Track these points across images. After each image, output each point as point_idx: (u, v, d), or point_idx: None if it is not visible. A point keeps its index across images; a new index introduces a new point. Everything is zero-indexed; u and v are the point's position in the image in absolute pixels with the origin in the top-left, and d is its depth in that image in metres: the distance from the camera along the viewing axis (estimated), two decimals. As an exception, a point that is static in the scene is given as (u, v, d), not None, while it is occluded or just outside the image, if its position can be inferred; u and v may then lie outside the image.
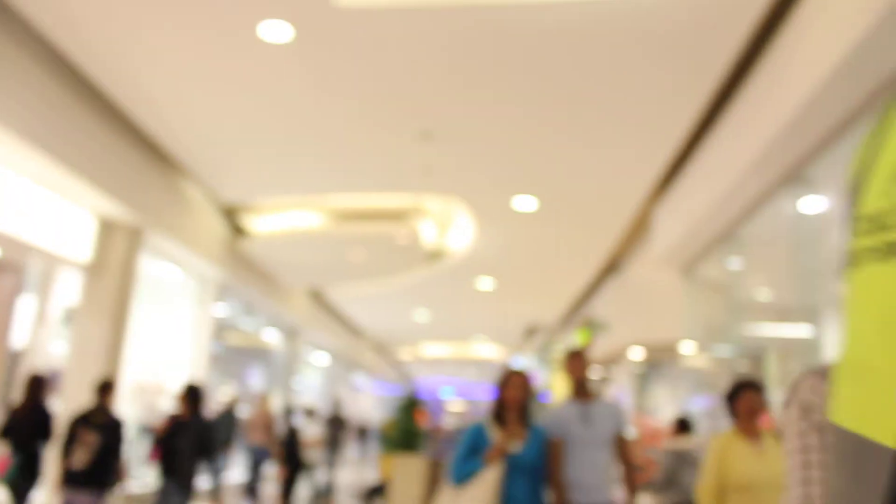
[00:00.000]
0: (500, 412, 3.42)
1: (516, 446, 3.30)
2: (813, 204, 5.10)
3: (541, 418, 3.59)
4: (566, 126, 6.09)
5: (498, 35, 4.78)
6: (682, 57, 4.89)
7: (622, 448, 3.52)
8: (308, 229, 9.59)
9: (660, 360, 11.18)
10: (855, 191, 0.63)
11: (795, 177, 4.97)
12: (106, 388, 5.37)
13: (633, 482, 3.53)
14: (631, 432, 11.17)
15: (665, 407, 11.21)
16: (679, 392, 10.17)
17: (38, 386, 5.58)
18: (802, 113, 4.08)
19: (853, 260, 0.58)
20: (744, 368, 6.54)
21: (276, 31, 4.77)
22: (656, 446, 10.47)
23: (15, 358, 7.64)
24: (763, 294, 7.15)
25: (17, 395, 6.61)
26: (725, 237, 6.44)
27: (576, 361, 3.58)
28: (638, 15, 4.46)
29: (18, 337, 7.67)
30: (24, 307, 7.73)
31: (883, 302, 0.52)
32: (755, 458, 2.95)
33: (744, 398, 3.05)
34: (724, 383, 6.71)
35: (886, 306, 0.52)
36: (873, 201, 0.57)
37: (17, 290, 7.66)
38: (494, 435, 3.36)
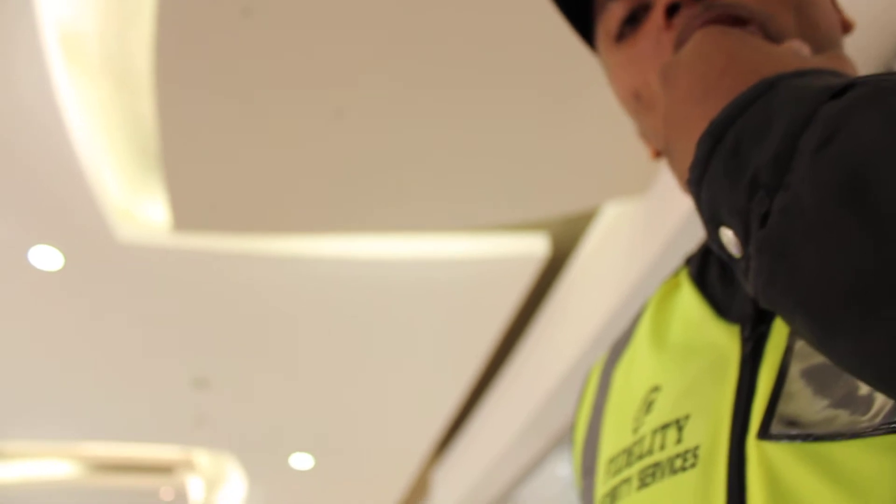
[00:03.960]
0: None
1: None
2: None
3: None
4: (345, 381, 6.05)
5: (279, 287, 4.80)
6: (463, 319, 5.12)
7: None
8: (59, 479, 8.57)
9: None
10: (587, 448, 0.67)
11: (565, 440, 5.13)
12: None
13: None
14: None
15: None
16: None
17: None
18: (567, 379, 4.31)
19: None
20: None
21: (45, 258, 4.50)
22: None
23: None
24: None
25: None
26: (503, 501, 6.42)
27: None
28: (419, 276, 4.68)
29: None
30: None
31: None
32: None
33: None
34: None
35: None
36: (613, 444, 0.59)
37: None
38: None
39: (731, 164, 0.42)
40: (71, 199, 4.06)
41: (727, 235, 0.43)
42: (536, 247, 4.51)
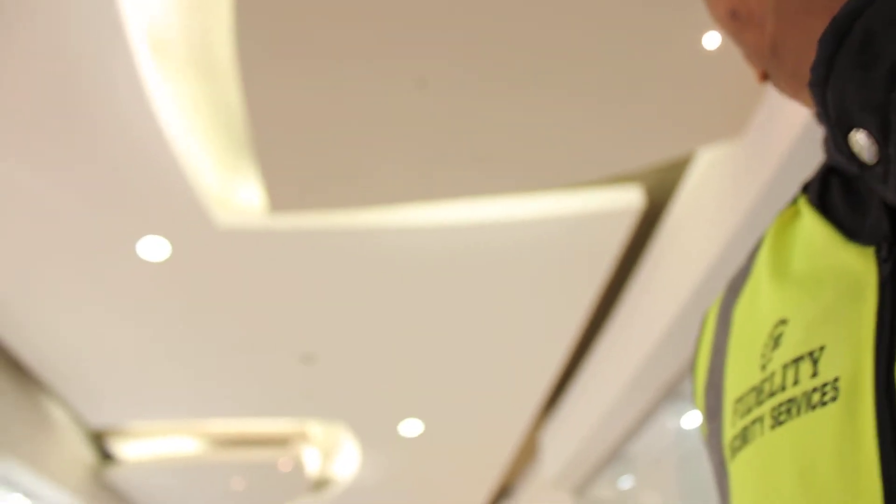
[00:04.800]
0: None
1: None
2: (694, 419, 5.17)
3: None
4: (448, 347, 6.11)
5: (378, 259, 4.87)
6: (563, 277, 5.09)
7: None
8: (184, 456, 9.02)
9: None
10: (710, 391, 0.63)
11: (675, 392, 5.06)
12: None
13: None
14: None
15: None
16: None
17: None
18: (673, 330, 4.24)
19: (734, 449, 0.54)
20: None
21: (153, 249, 4.70)
22: None
23: None
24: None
25: None
26: (614, 456, 6.40)
27: None
28: (517, 238, 4.67)
29: None
30: None
31: (795, 462, 0.47)
32: None
33: None
34: None
35: (799, 465, 0.46)
36: (739, 384, 0.56)
37: None
38: None
39: (863, 57, 0.38)
40: (171, 191, 4.21)
41: (859, 139, 0.40)
42: (631, 199, 4.42)
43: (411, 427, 7.87)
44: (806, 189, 0.59)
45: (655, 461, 6.07)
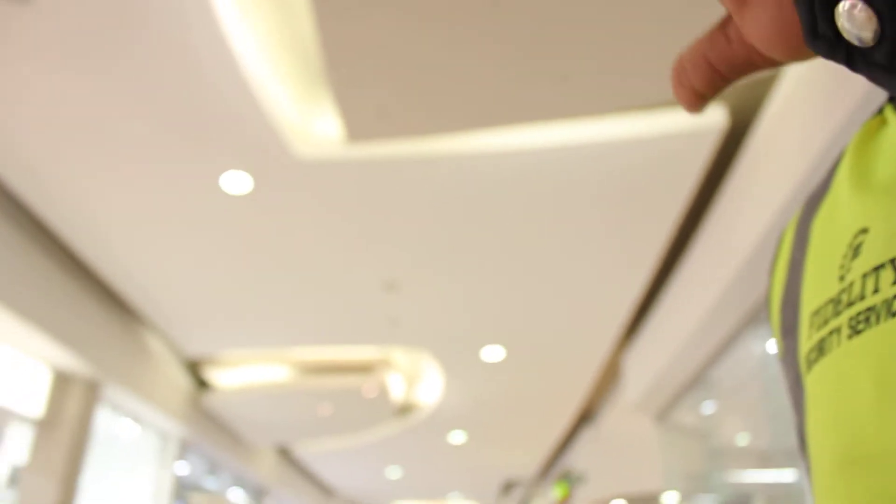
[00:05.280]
0: None
1: None
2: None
3: None
4: (530, 273, 6.12)
5: (455, 186, 4.87)
6: (643, 201, 5.00)
7: None
8: (273, 383, 9.39)
9: (642, 513, 10.79)
10: (786, 308, 0.61)
11: (760, 317, 4.96)
12: None
13: None
14: None
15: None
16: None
17: None
18: (758, 252, 4.13)
19: (809, 362, 0.53)
20: (728, 520, 6.29)
21: (236, 182, 4.82)
22: None
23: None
24: (741, 439, 6.99)
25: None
26: (696, 381, 6.36)
27: None
28: (596, 162, 4.59)
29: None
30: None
31: (873, 371, 0.45)
32: None
33: None
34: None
35: (877, 374, 0.44)
36: (816, 297, 0.54)
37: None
38: None
39: None
40: (251, 125, 4.28)
41: (851, 14, 0.34)
42: (714, 119, 4.28)
43: (493, 353, 7.98)
44: (894, 98, 0.56)
45: (739, 387, 6.01)
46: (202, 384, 9.41)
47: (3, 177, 5.00)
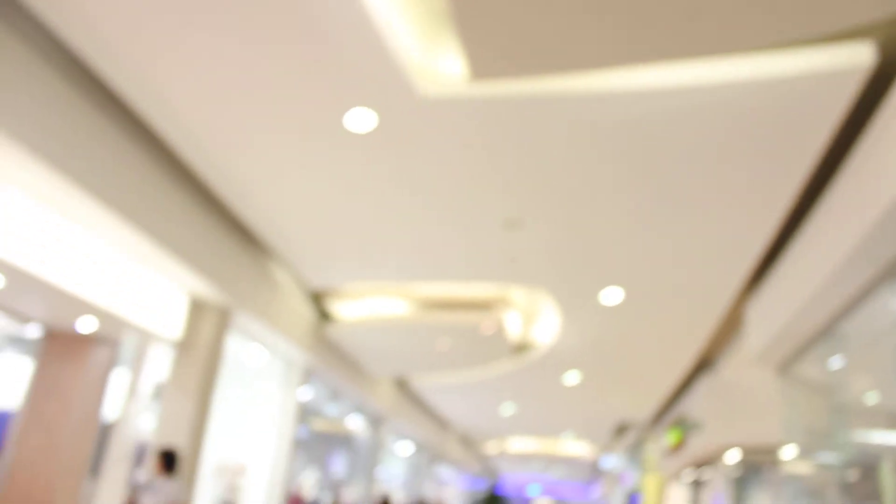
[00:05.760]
0: None
1: None
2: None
3: None
4: (654, 216, 5.98)
5: (582, 126, 4.78)
6: (774, 145, 4.77)
7: None
8: (393, 317, 9.64)
9: (759, 464, 10.56)
10: None
11: (899, 271, 4.69)
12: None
13: None
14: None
15: (765, 516, 10.52)
16: (781, 501, 9.52)
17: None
18: (902, 202, 3.88)
19: None
20: (854, 479, 6.07)
21: (360, 120, 4.90)
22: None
23: (106, 430, 7.83)
24: (870, 398, 6.69)
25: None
26: (824, 335, 6.10)
27: None
28: (726, 104, 4.40)
29: (110, 409, 7.88)
30: (117, 380, 7.96)
31: None
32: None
33: None
34: (832, 494, 6.26)
35: None
36: None
37: (111, 363, 7.92)
38: None
39: None
40: (376, 64, 4.32)
41: None
42: (860, 56, 4.00)
43: (612, 295, 7.90)
44: None
45: (871, 343, 5.72)
46: (325, 315, 9.78)
47: (148, 119, 5.26)
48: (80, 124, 4.86)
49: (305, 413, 11.30)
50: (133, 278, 6.50)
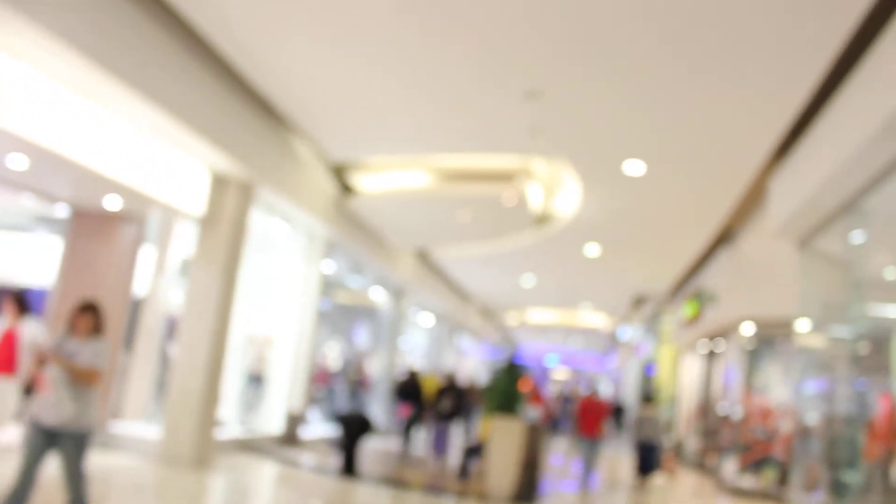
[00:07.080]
0: None
1: None
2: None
3: None
4: (678, 86, 5.84)
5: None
6: (804, 13, 4.59)
7: None
8: (415, 189, 9.65)
9: (772, 337, 10.76)
10: None
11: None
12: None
13: None
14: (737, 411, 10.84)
15: (777, 386, 10.79)
16: (792, 372, 9.75)
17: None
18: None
19: None
20: (865, 351, 6.18)
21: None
22: (765, 425, 10.13)
23: (137, 305, 8.07)
24: (889, 272, 6.72)
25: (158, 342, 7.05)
26: (847, 209, 6.05)
27: None
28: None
29: (140, 285, 8.09)
30: (145, 257, 8.14)
31: None
32: None
33: None
34: (843, 366, 6.38)
35: None
36: None
37: (138, 240, 8.07)
38: None
39: None
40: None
41: None
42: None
43: (634, 167, 7.83)
44: None
45: (894, 218, 5.68)
46: (347, 188, 9.82)
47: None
48: (98, 2, 4.78)
49: (329, 286, 11.54)
50: (156, 156, 6.53)
